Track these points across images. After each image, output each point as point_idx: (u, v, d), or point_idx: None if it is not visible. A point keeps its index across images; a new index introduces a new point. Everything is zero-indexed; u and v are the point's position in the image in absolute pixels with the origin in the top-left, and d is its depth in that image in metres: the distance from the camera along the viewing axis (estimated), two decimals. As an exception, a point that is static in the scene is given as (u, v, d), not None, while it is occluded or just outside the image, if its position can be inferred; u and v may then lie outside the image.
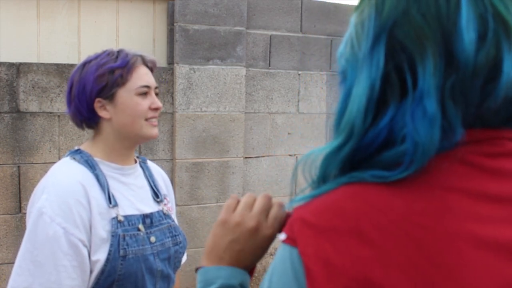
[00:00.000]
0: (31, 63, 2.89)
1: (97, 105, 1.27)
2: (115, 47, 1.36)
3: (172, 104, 3.21)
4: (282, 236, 0.57)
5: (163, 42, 3.29)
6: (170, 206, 1.44)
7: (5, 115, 2.84)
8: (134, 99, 1.27)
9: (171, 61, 3.21)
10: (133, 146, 1.35)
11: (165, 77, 3.18)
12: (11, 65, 2.84)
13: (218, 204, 3.43)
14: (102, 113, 1.27)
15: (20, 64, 2.86)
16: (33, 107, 2.89)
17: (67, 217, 1.16)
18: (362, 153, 0.55)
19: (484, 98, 0.52)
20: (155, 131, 1.31)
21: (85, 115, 1.29)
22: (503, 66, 0.50)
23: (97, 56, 1.30)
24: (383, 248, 0.49)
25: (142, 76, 1.30)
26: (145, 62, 1.33)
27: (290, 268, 0.54)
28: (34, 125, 2.90)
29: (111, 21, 3.18)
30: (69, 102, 1.31)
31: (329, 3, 3.73)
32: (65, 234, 1.15)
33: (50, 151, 2.94)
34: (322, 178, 0.58)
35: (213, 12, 3.28)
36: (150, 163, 1.48)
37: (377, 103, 0.54)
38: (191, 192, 3.33)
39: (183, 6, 3.19)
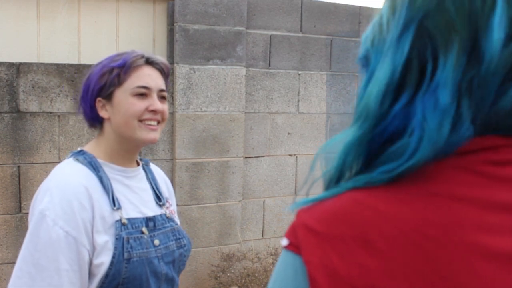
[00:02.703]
0: (31, 63, 2.89)
1: (98, 104, 1.27)
2: (115, 47, 1.35)
3: (172, 104, 3.21)
4: (284, 241, 0.56)
5: (163, 42, 3.29)
6: (172, 209, 1.42)
7: (5, 115, 2.84)
8: (129, 99, 1.24)
9: (171, 61, 3.21)
10: (133, 149, 1.31)
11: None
12: (11, 65, 2.84)
13: (218, 204, 3.43)
14: (102, 112, 1.27)
15: (20, 64, 2.86)
16: (33, 107, 2.89)
17: (69, 220, 1.14)
18: (376, 141, 0.54)
19: (499, 96, 0.52)
20: (151, 135, 1.25)
21: (89, 115, 1.29)
22: None
23: (108, 57, 1.28)
24: (390, 258, 0.48)
25: (142, 77, 1.26)
26: (151, 63, 1.29)
27: (293, 276, 0.53)
28: (34, 125, 2.90)
29: (111, 21, 3.18)
30: (79, 102, 1.32)
31: (329, 3, 3.73)
32: (67, 238, 1.14)
33: (50, 151, 2.94)
34: (341, 169, 0.57)
35: (213, 12, 3.28)
36: (152, 166, 1.46)
37: (397, 90, 0.54)
38: (191, 192, 3.33)
39: (183, 6, 3.19)
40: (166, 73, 1.35)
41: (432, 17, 0.52)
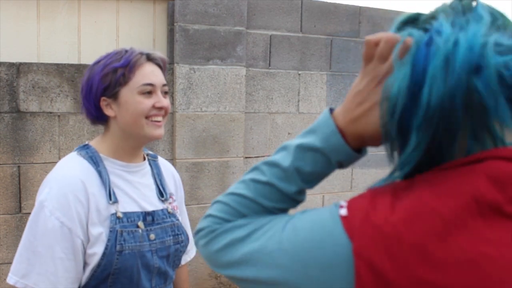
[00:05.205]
0: (31, 63, 2.89)
1: (103, 103, 1.30)
2: (115, 47, 1.37)
3: (172, 104, 3.21)
4: (343, 210, 0.54)
5: (163, 42, 3.29)
6: (175, 205, 1.45)
7: (5, 115, 2.84)
8: (137, 98, 1.28)
9: (171, 61, 3.21)
10: (139, 145, 1.36)
11: (165, 77, 3.17)
12: (11, 65, 2.84)
13: (218, 204, 3.42)
14: (108, 111, 1.30)
15: (20, 64, 2.86)
16: (33, 107, 2.89)
17: (65, 211, 1.20)
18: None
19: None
20: (158, 131, 1.31)
21: (94, 114, 1.32)
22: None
23: (106, 56, 1.32)
24: (445, 272, 0.47)
25: (146, 75, 1.30)
26: (151, 60, 1.33)
27: (335, 253, 0.52)
28: (34, 125, 2.90)
29: (111, 21, 3.18)
30: (82, 102, 1.35)
31: (329, 3, 3.73)
32: (63, 228, 1.20)
33: (50, 151, 2.94)
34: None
35: (213, 12, 3.28)
36: (161, 161, 1.50)
37: None
38: (191, 192, 3.33)
39: (183, 6, 3.19)
40: (164, 67, 1.39)
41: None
